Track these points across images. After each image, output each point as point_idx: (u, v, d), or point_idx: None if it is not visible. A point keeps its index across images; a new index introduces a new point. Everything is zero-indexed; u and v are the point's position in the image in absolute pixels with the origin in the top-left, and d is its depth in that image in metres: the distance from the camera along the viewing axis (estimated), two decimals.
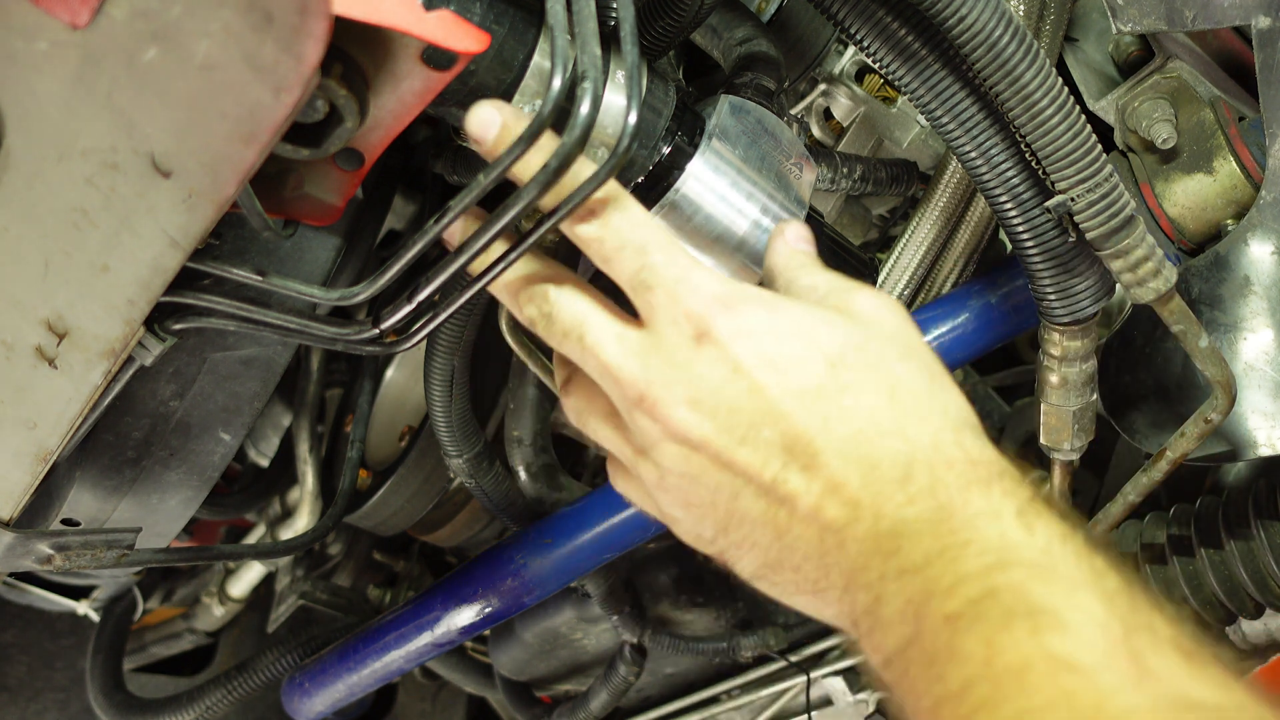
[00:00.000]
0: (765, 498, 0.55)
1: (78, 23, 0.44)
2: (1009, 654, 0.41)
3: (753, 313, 0.57)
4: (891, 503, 0.51)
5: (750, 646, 1.28)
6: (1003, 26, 0.60)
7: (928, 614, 0.45)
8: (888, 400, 0.55)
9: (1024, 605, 0.43)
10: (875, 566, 0.50)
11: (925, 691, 0.44)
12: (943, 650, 0.44)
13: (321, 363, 1.25)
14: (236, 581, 1.48)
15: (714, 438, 0.56)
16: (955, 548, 0.47)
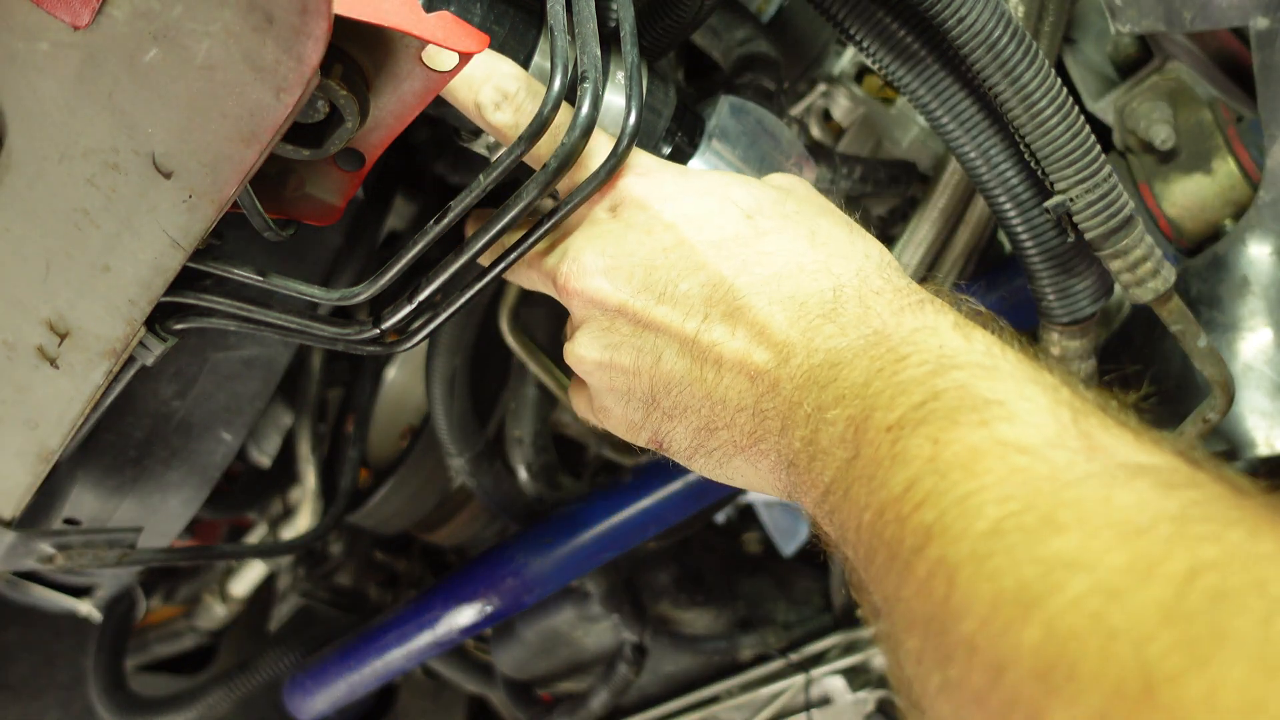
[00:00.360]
0: (689, 354, 0.54)
1: (79, 23, 0.44)
2: (955, 446, 0.39)
3: (666, 177, 0.58)
4: (821, 335, 0.50)
5: (750, 645, 1.28)
6: (1002, 27, 0.60)
7: (868, 428, 0.43)
8: (808, 243, 0.54)
9: (969, 401, 0.41)
10: (811, 399, 0.48)
11: (866, 503, 0.42)
12: (884, 458, 0.42)
13: (323, 362, 1.25)
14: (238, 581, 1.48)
15: (630, 299, 0.56)
16: (893, 363, 0.45)
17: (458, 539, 1.44)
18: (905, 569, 0.38)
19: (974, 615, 0.33)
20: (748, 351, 0.52)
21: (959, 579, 0.35)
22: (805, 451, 0.48)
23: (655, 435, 0.59)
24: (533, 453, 1.14)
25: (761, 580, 1.40)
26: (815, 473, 0.47)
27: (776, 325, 0.52)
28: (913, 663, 0.37)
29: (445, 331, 1.04)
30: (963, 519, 0.36)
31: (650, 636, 1.25)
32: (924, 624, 0.36)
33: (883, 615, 0.41)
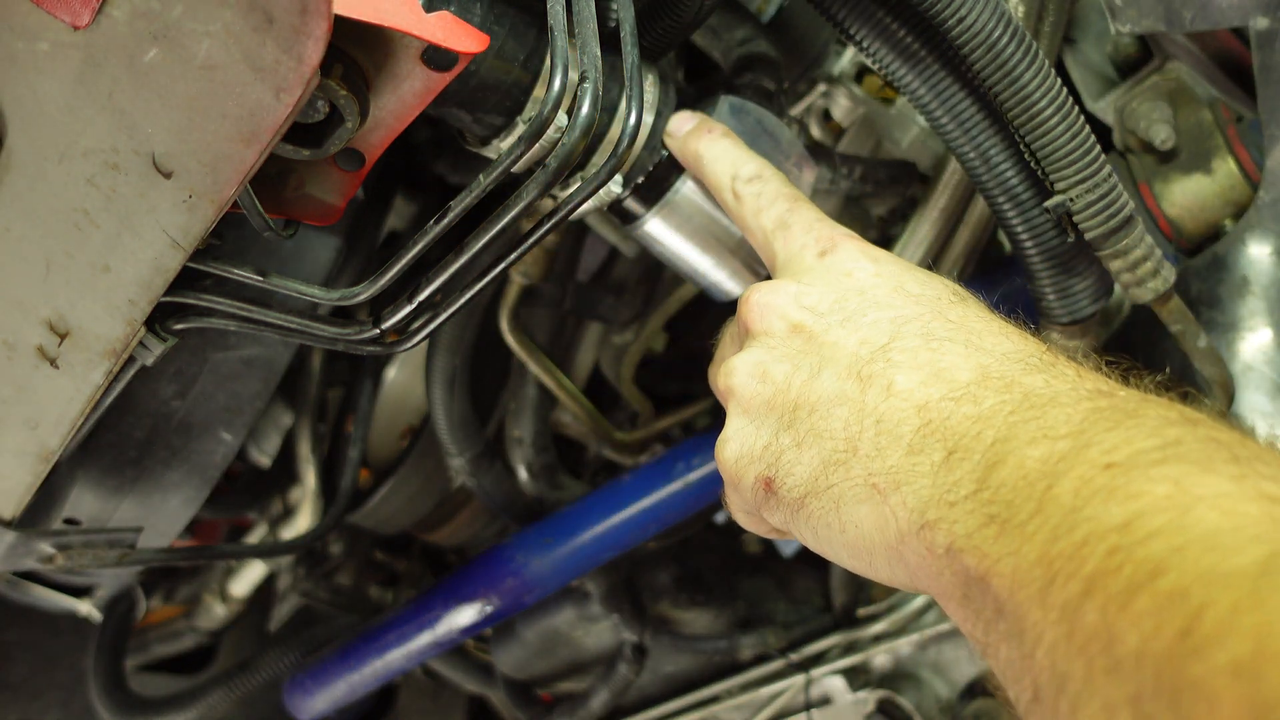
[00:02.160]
0: (855, 375, 0.51)
1: (79, 23, 0.44)
2: (1204, 490, 0.35)
3: (881, 253, 0.59)
4: (1026, 380, 0.46)
5: (750, 645, 1.28)
6: (1002, 27, 0.60)
7: (1077, 463, 0.39)
8: (993, 324, 0.53)
9: (1221, 453, 0.37)
10: (997, 429, 0.44)
11: (1053, 535, 0.37)
12: (1097, 491, 0.37)
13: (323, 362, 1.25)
14: (238, 580, 1.48)
15: (811, 318, 0.56)
16: (1123, 415, 0.41)
17: (458, 539, 1.44)
18: (1117, 604, 0.33)
19: (1228, 651, 0.29)
20: (926, 384, 0.48)
21: (1209, 615, 0.30)
22: (965, 485, 0.43)
23: (770, 468, 0.54)
24: (533, 453, 1.14)
25: (761, 580, 1.40)
26: (970, 508, 0.43)
27: (969, 367, 0.48)
28: (1101, 708, 0.33)
29: (445, 331, 1.04)
30: (1213, 555, 0.32)
31: (650, 636, 1.25)
32: (1138, 664, 0.32)
33: (1043, 651, 0.37)
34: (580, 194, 0.59)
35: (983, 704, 1.16)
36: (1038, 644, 0.37)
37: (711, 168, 0.67)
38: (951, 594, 0.44)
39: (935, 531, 0.44)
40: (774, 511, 0.55)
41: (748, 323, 0.60)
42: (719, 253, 0.75)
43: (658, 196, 0.72)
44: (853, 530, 0.50)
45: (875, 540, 0.49)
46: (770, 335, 0.58)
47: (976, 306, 0.55)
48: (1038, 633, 0.37)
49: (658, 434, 1.20)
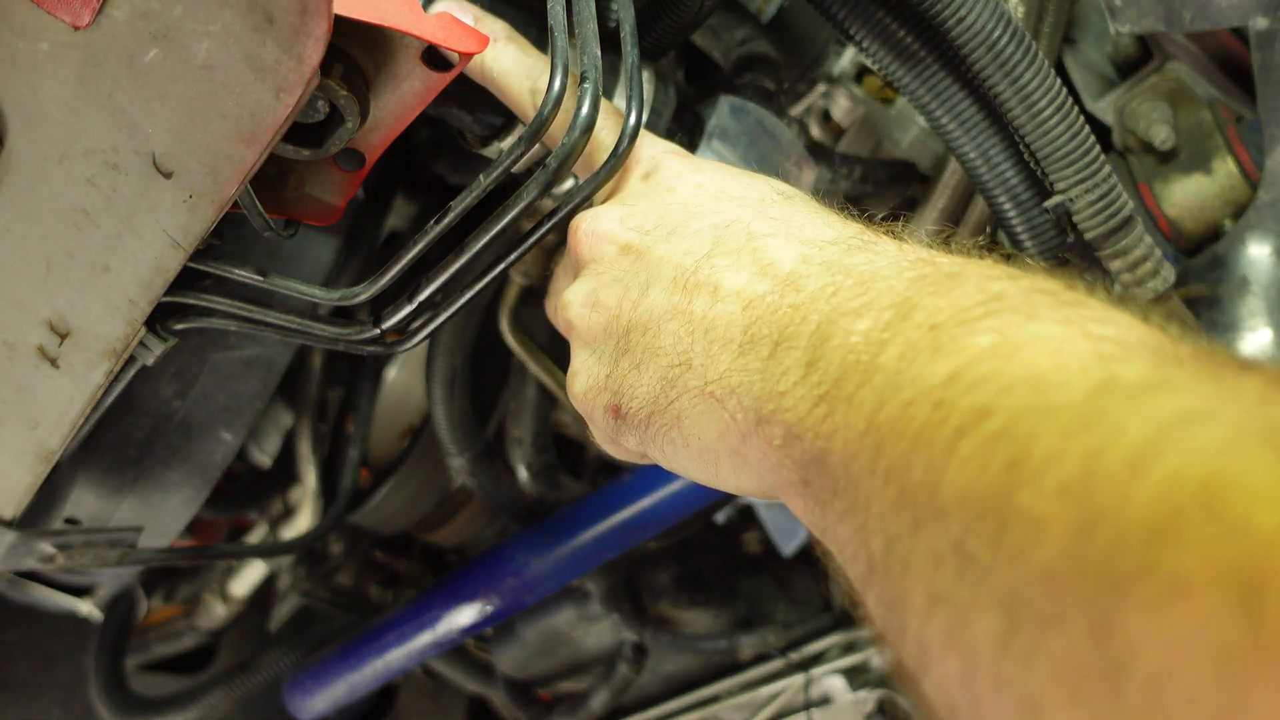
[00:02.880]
0: (681, 287, 0.51)
1: (79, 23, 0.44)
2: (1030, 333, 0.34)
3: (705, 163, 0.59)
4: (848, 261, 0.46)
5: (750, 645, 1.28)
6: (1002, 27, 0.60)
7: (901, 329, 0.38)
8: (839, 214, 0.53)
9: (1049, 300, 0.36)
10: (821, 310, 0.43)
11: (880, 402, 0.36)
12: (921, 350, 0.36)
13: (323, 362, 1.25)
14: (238, 580, 1.48)
15: (637, 237, 0.55)
16: (944, 278, 0.40)
17: (458, 539, 1.44)
18: (942, 453, 0.32)
19: (1055, 476, 0.27)
20: (751, 282, 0.48)
21: (1036, 446, 0.29)
22: (794, 372, 0.42)
23: (616, 396, 0.54)
24: (533, 453, 1.15)
25: (761, 580, 1.40)
26: (801, 394, 0.41)
27: (791, 258, 0.48)
28: (927, 559, 0.31)
29: (445, 331, 1.05)
30: (1040, 393, 0.30)
31: (650, 636, 1.25)
32: (962, 504, 0.30)
33: (874, 519, 0.35)
34: (581, 193, 0.59)
35: None
36: (868, 512, 0.36)
37: (504, 82, 0.62)
38: (792, 484, 0.43)
39: (771, 424, 0.43)
40: (627, 435, 0.55)
41: (578, 253, 0.59)
42: None
43: None
44: (696, 442, 0.50)
45: (719, 448, 0.49)
46: (599, 261, 0.57)
47: (801, 202, 0.55)
48: (868, 500, 0.36)
49: None
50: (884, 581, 0.34)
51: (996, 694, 0.28)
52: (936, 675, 0.31)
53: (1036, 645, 0.26)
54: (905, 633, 0.33)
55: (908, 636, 0.33)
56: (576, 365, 0.58)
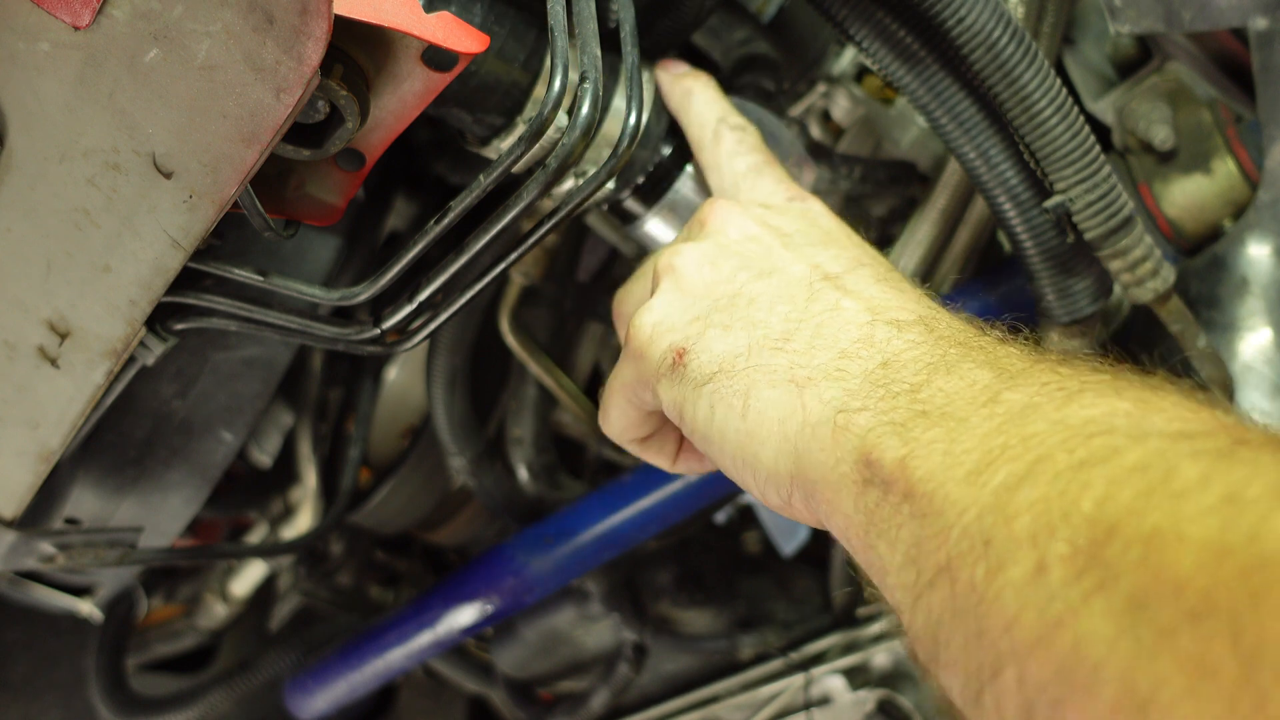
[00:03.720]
0: (803, 287, 0.53)
1: (79, 24, 0.44)
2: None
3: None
4: (966, 334, 0.47)
5: (750, 645, 1.28)
6: (1002, 27, 0.60)
7: (1034, 378, 0.40)
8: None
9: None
10: (943, 351, 0.45)
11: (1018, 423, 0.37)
12: (1058, 395, 0.38)
13: (323, 362, 1.25)
14: (239, 580, 1.48)
15: (771, 234, 0.58)
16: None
17: (458, 539, 1.44)
18: (1071, 472, 0.34)
19: (1201, 499, 0.30)
20: (872, 312, 0.50)
21: (1176, 476, 0.31)
22: (899, 385, 0.44)
23: (689, 341, 0.54)
24: (533, 453, 1.15)
25: (761, 580, 1.40)
26: (901, 404, 0.43)
27: (916, 313, 0.50)
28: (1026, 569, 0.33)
29: (445, 331, 1.05)
30: (1181, 442, 0.33)
31: (650, 636, 1.25)
32: (1091, 519, 0.32)
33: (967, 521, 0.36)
34: (581, 193, 0.59)
35: None
36: (961, 515, 0.36)
37: (700, 106, 0.67)
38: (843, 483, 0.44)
39: (853, 418, 0.44)
40: (670, 386, 0.54)
41: (706, 219, 0.60)
42: None
43: (657, 196, 0.72)
44: (753, 415, 0.49)
45: (772, 428, 0.48)
46: (725, 235, 0.58)
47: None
48: (961, 508, 0.36)
49: None
50: (968, 579, 0.35)
51: (1095, 685, 0.29)
52: (1019, 673, 0.32)
53: (1161, 644, 0.28)
54: (982, 637, 0.34)
55: (984, 640, 0.33)
56: (656, 303, 0.58)
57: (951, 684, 0.36)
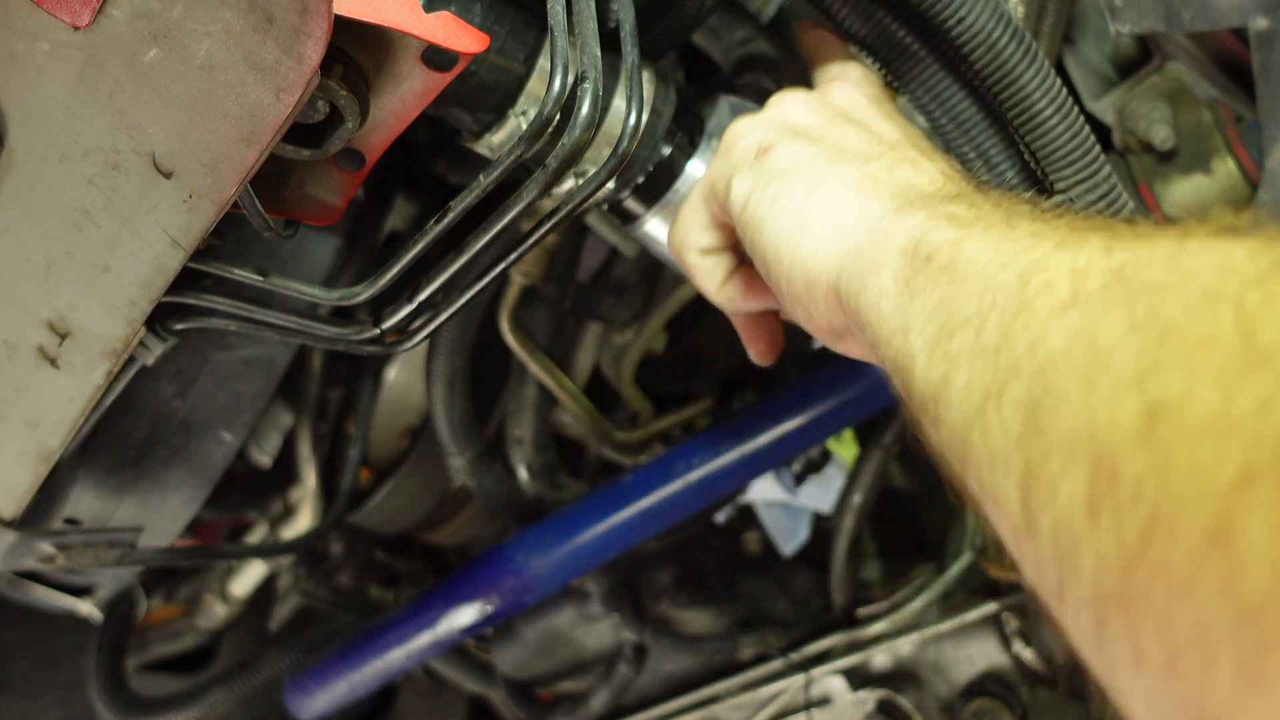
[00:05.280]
0: (879, 142, 0.58)
1: (79, 23, 0.44)
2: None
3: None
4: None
5: (750, 645, 1.28)
6: (1001, 27, 0.60)
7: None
8: None
9: None
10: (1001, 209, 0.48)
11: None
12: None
13: (323, 362, 1.25)
14: (239, 580, 1.48)
15: (874, 111, 0.64)
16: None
17: (458, 539, 1.44)
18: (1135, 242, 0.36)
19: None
20: (935, 172, 0.55)
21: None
22: (967, 198, 0.48)
23: (778, 141, 0.59)
24: (533, 453, 1.15)
25: (761, 580, 1.40)
26: (971, 201, 0.47)
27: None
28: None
29: (445, 331, 1.05)
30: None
31: (650, 636, 1.25)
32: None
33: (1010, 275, 0.39)
34: (581, 193, 0.59)
35: (983, 704, 1.16)
36: (1001, 272, 0.39)
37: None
38: (885, 260, 0.47)
39: (909, 213, 0.49)
40: (745, 176, 0.59)
41: (790, 102, 0.64)
42: None
43: (657, 196, 0.72)
44: (812, 205, 0.54)
45: (826, 218, 0.53)
46: (829, 97, 0.64)
47: None
48: (999, 266, 0.39)
49: (658, 434, 1.20)
50: (976, 334, 0.38)
51: (1104, 369, 0.31)
52: (1040, 381, 0.34)
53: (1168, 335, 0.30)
54: (999, 357, 0.36)
55: (1000, 362, 0.36)
56: (755, 117, 0.63)
57: (953, 417, 0.39)
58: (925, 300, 0.43)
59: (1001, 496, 0.35)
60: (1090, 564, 0.30)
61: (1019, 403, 0.34)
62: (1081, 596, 0.31)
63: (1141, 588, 0.28)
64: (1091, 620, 0.30)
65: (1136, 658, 0.28)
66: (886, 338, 0.46)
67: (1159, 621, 0.27)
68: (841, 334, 0.55)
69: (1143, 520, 0.28)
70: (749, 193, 0.58)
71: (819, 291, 0.53)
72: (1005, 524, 0.36)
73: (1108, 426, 0.30)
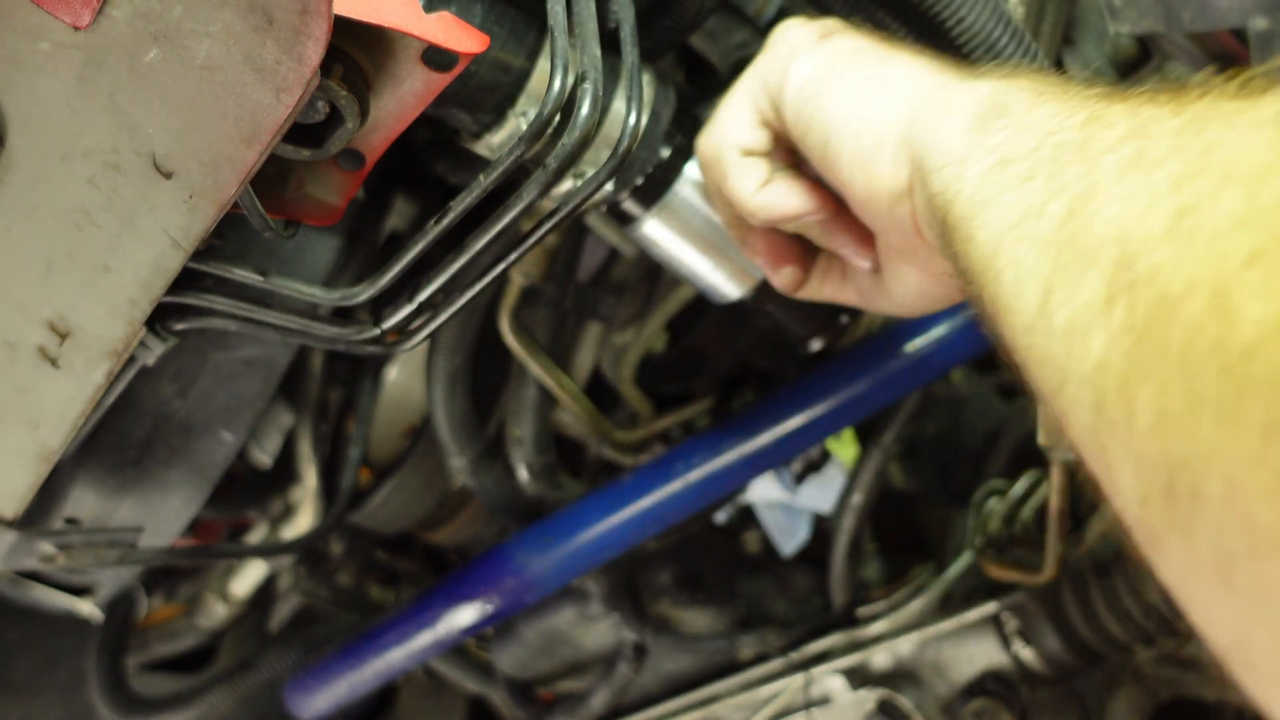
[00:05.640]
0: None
1: (79, 24, 0.44)
2: None
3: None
4: None
5: (750, 645, 1.28)
6: (1001, 28, 0.60)
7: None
8: None
9: None
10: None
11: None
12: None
13: (323, 362, 1.25)
14: (239, 580, 1.48)
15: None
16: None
17: (458, 539, 1.44)
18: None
19: None
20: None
21: None
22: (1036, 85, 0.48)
23: (834, 32, 0.60)
24: (533, 453, 1.15)
25: (761, 580, 1.40)
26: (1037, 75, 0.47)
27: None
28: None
29: (445, 331, 1.05)
30: None
31: (650, 636, 1.25)
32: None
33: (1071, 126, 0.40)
34: (580, 194, 0.59)
35: (982, 704, 1.16)
36: (1069, 116, 0.40)
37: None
38: (963, 105, 0.48)
39: (984, 78, 0.49)
40: (807, 59, 0.59)
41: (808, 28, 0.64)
42: (717, 254, 0.75)
43: (655, 198, 0.72)
44: (883, 73, 0.55)
45: (896, 82, 0.54)
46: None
47: None
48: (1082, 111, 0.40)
49: (658, 434, 1.20)
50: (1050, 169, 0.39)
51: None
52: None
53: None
54: (1064, 173, 0.38)
55: (1067, 176, 0.38)
56: (803, 18, 0.64)
57: (988, 234, 0.41)
58: (992, 138, 0.45)
59: (1020, 300, 0.37)
60: (1098, 347, 0.32)
61: (1055, 217, 0.36)
62: (1083, 376, 0.33)
63: (1142, 360, 0.30)
64: (1091, 398, 0.32)
65: (1128, 425, 0.30)
66: (941, 167, 0.47)
67: (1156, 389, 0.29)
68: (899, 198, 0.54)
69: (1152, 300, 0.30)
70: (812, 71, 0.58)
71: (887, 147, 0.53)
72: (1017, 323, 0.38)
73: (1138, 230, 0.32)
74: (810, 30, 0.61)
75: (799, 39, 0.61)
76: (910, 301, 0.62)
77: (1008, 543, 1.19)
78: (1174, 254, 0.30)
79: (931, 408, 1.51)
